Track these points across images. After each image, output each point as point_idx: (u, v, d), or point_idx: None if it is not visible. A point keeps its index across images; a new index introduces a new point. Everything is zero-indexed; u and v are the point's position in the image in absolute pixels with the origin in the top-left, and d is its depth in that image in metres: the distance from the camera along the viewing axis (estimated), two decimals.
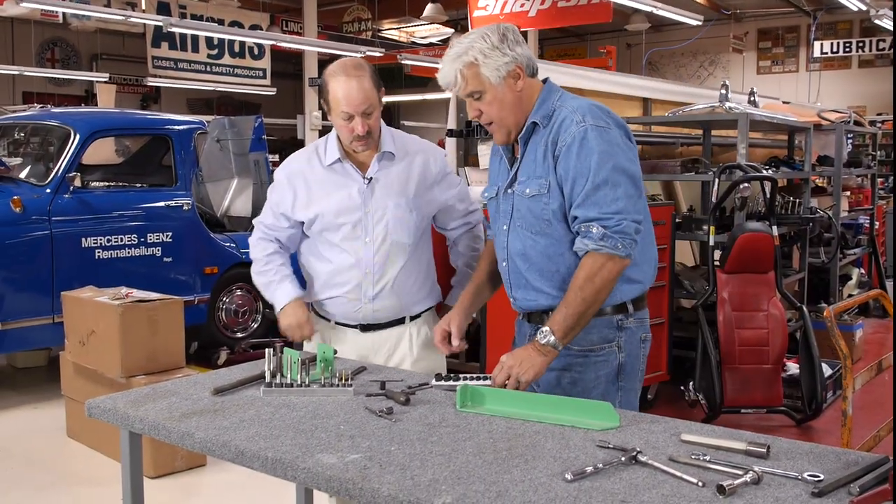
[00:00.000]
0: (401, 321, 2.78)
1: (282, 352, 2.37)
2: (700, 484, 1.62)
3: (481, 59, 2.28)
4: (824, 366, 5.10)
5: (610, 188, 2.23)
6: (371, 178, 2.70)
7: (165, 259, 6.08)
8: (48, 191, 5.61)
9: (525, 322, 2.52)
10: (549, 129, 2.32)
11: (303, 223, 2.76)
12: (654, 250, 2.46)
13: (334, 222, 2.69)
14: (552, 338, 2.23)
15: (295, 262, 2.90)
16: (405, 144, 2.78)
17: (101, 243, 5.74)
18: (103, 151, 6.96)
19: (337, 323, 2.79)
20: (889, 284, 8.29)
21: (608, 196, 2.23)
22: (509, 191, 2.42)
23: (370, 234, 2.69)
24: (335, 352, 2.46)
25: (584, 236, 2.25)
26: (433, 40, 20.27)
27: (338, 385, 2.27)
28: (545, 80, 2.42)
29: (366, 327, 2.76)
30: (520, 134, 2.38)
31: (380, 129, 2.70)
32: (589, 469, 1.69)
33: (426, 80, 19.42)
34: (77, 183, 5.68)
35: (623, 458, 1.74)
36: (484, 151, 5.58)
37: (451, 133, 5.70)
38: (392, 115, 22.99)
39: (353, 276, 2.71)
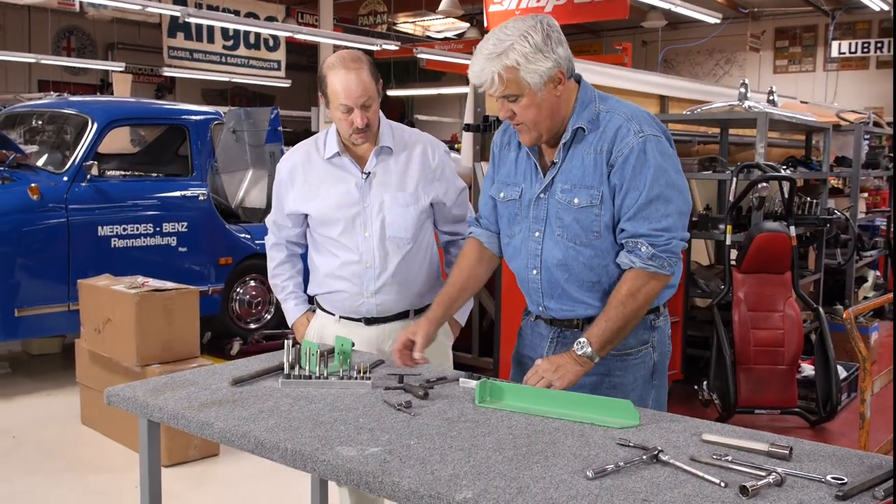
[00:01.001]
0: (405, 315, 2.78)
1: (299, 343, 2.37)
2: (722, 484, 1.61)
3: (523, 62, 2.13)
4: (839, 368, 5.08)
5: (662, 203, 2.18)
6: (369, 172, 2.69)
7: (181, 249, 6.10)
8: (65, 179, 5.63)
9: (541, 323, 2.44)
10: (598, 135, 2.23)
11: (307, 215, 2.78)
12: (682, 267, 2.42)
13: (332, 216, 2.69)
14: (589, 349, 2.19)
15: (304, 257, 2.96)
16: (403, 137, 2.77)
17: (117, 232, 5.76)
18: (119, 140, 6.98)
19: (341, 317, 2.78)
20: None
21: (659, 211, 2.18)
22: (542, 195, 2.30)
23: (369, 228, 2.69)
24: (353, 344, 2.46)
25: (630, 252, 2.21)
26: (449, 34, 20.26)
27: (356, 378, 2.27)
28: (579, 80, 2.31)
29: (370, 321, 2.75)
30: (560, 140, 2.26)
31: (378, 122, 2.69)
32: (610, 467, 1.68)
33: (441, 75, 19.41)
34: (94, 171, 5.69)
35: (644, 457, 1.74)
36: None
37: (468, 128, 5.69)
38: (406, 109, 23.00)
39: (355, 271, 2.71)
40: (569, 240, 2.27)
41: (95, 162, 5.72)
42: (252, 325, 6.73)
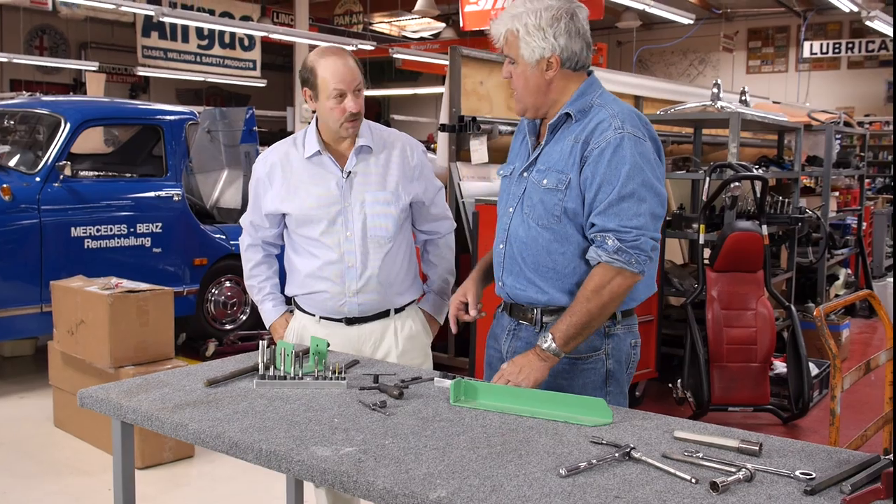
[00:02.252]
0: (385, 314, 2.78)
1: (274, 344, 2.37)
2: (693, 480, 1.63)
3: (523, 33, 2.23)
4: (811, 365, 5.14)
5: (635, 202, 2.18)
6: (350, 172, 2.70)
7: (155, 249, 6.06)
8: (37, 179, 5.58)
9: (505, 315, 2.47)
10: (582, 125, 2.26)
11: (284, 216, 2.77)
12: (655, 267, 2.37)
13: (313, 216, 2.68)
14: (553, 345, 2.20)
15: (280, 259, 2.94)
16: (382, 137, 2.78)
17: (90, 233, 5.72)
18: (92, 141, 6.92)
19: (322, 318, 2.77)
20: (875, 285, 8.34)
21: (631, 209, 2.17)
22: (524, 174, 2.35)
23: (350, 227, 2.68)
24: (328, 345, 2.46)
25: (598, 246, 2.20)
26: (424, 35, 20.27)
27: (331, 378, 2.28)
28: (590, 73, 2.35)
29: (350, 321, 2.74)
30: (548, 119, 2.33)
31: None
32: (583, 465, 1.70)
33: (417, 75, 19.43)
34: (67, 172, 5.64)
35: (617, 455, 1.75)
36: (476, 146, 5.58)
37: (443, 128, 5.70)
38: (382, 110, 22.97)
39: (336, 271, 2.69)
40: (533, 219, 2.31)
41: (68, 162, 5.67)
42: (227, 326, 6.70)
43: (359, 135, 2.70)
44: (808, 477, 1.63)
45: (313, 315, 2.79)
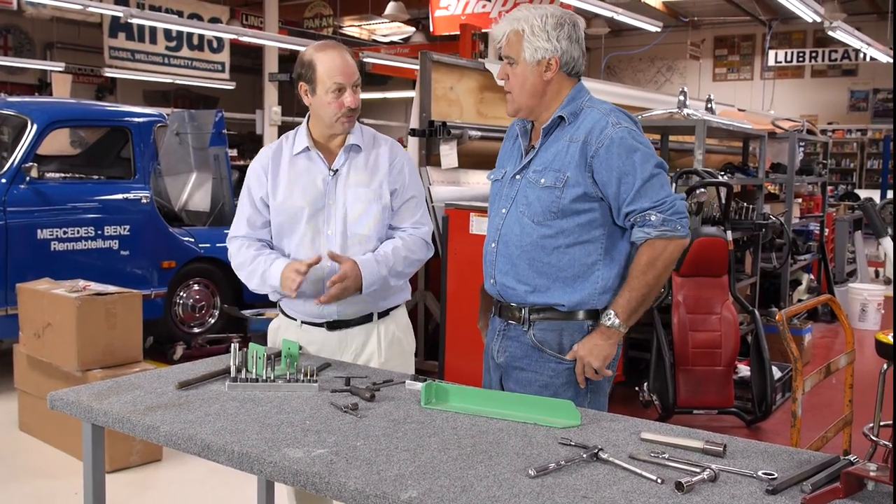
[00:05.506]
0: (368, 318, 2.76)
1: (247, 347, 2.38)
2: (659, 481, 1.67)
3: (527, 32, 2.37)
4: (774, 368, 5.23)
5: (657, 180, 2.34)
6: (336, 169, 2.70)
7: (122, 252, 6.02)
8: (3, 181, 5.52)
9: (496, 318, 2.55)
10: (575, 126, 2.38)
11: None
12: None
13: (296, 210, 2.67)
14: (617, 320, 2.35)
15: None
16: (372, 137, 2.80)
17: (56, 235, 5.66)
18: (58, 142, 6.85)
19: (303, 322, 2.76)
20: (837, 290, 8.49)
21: (656, 186, 2.33)
22: (517, 177, 2.46)
23: (332, 226, 2.68)
24: (300, 348, 2.47)
25: (643, 225, 2.33)
26: (395, 38, 20.27)
27: (303, 381, 2.29)
28: (579, 80, 2.48)
29: (332, 325, 2.73)
30: (540, 122, 2.45)
31: None
32: (551, 465, 1.73)
33: (387, 79, 19.42)
34: (33, 174, 5.59)
35: (585, 455, 1.79)
36: (446, 151, 5.61)
37: (413, 133, 5.72)
38: None
39: (316, 270, 2.63)
40: (529, 217, 2.40)
41: (35, 164, 5.62)
42: (196, 330, 6.67)
43: (350, 132, 2.72)
44: (770, 477, 1.68)
45: (295, 320, 2.77)
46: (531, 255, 2.40)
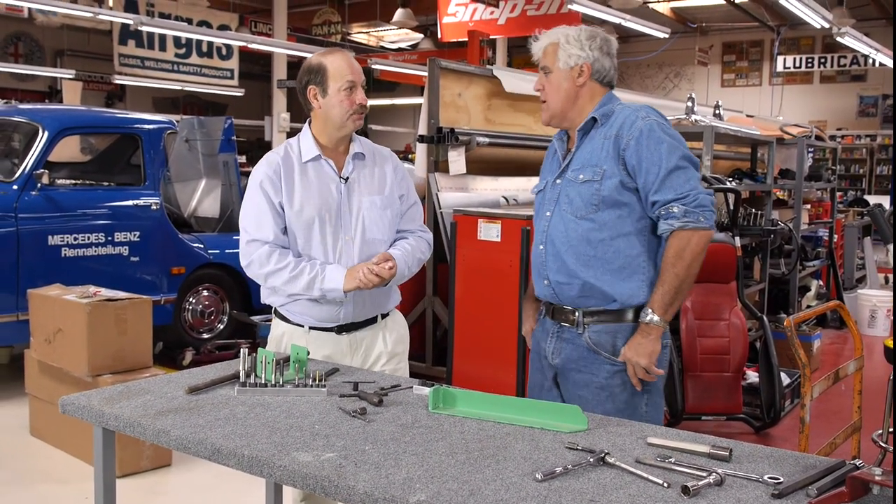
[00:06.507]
0: (373, 321, 2.83)
1: (255, 352, 2.40)
2: (665, 485, 1.68)
3: (563, 41, 2.56)
4: (783, 375, 5.22)
5: (682, 172, 2.43)
6: (347, 177, 2.76)
7: (132, 258, 6.05)
8: (15, 187, 5.56)
9: (548, 319, 2.65)
10: (608, 125, 2.52)
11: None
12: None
13: (314, 218, 2.70)
14: (655, 316, 2.42)
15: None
16: (373, 149, 2.89)
17: (67, 241, 5.70)
18: (69, 149, 6.90)
19: (311, 328, 2.77)
20: (846, 296, 8.47)
21: (681, 178, 2.42)
22: (558, 181, 2.59)
23: (349, 231, 2.73)
24: (308, 353, 2.49)
25: (666, 218, 2.43)
26: (403, 45, 20.33)
27: (311, 385, 2.31)
28: (611, 88, 2.63)
29: (342, 329, 2.77)
30: (575, 128, 2.58)
31: None
32: (559, 469, 1.74)
33: (395, 85, 19.47)
34: (45, 180, 5.63)
35: (591, 460, 1.80)
36: (454, 158, 5.63)
37: (421, 139, 5.74)
38: None
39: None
40: (572, 213, 2.52)
41: (46, 171, 5.66)
42: (205, 336, 6.69)
43: (352, 143, 2.79)
44: (775, 481, 1.69)
45: (302, 326, 2.79)
46: (577, 250, 2.50)
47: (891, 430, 1.68)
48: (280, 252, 2.70)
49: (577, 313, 2.53)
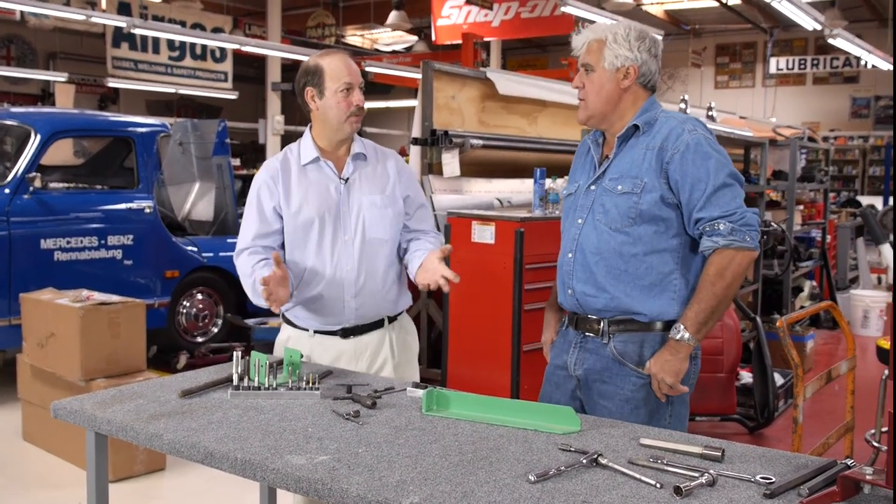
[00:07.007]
0: (380, 324, 2.79)
1: (249, 355, 2.40)
2: (658, 485, 1.68)
3: (610, 39, 2.42)
4: (776, 375, 5.23)
5: (729, 190, 2.33)
6: (347, 178, 2.75)
7: (126, 262, 6.04)
8: (7, 191, 5.55)
9: (570, 329, 2.54)
10: (651, 135, 2.41)
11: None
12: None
13: (313, 219, 2.70)
14: (686, 334, 2.32)
15: None
16: (375, 149, 2.87)
17: (60, 245, 5.69)
18: (62, 152, 6.89)
19: (316, 332, 2.76)
20: (840, 296, 8.49)
21: (727, 196, 2.32)
22: (592, 187, 2.48)
23: (348, 231, 2.72)
24: (301, 356, 2.49)
25: (711, 235, 2.31)
26: (397, 48, 20.33)
27: (305, 388, 2.31)
28: (653, 92, 2.52)
29: (346, 332, 2.74)
30: (613, 132, 2.48)
31: None
32: (552, 471, 1.75)
33: (389, 88, 19.46)
34: (37, 184, 5.62)
35: (584, 461, 1.80)
36: (448, 160, 5.63)
37: (415, 141, 5.74)
38: None
39: (333, 274, 2.69)
40: (606, 224, 2.41)
41: (38, 174, 5.65)
42: (199, 339, 6.68)
43: (353, 143, 2.78)
44: (767, 481, 1.69)
45: (306, 329, 2.78)
46: (609, 263, 2.40)
47: (883, 429, 1.68)
48: (249, 253, 2.71)
49: (602, 323, 2.43)
